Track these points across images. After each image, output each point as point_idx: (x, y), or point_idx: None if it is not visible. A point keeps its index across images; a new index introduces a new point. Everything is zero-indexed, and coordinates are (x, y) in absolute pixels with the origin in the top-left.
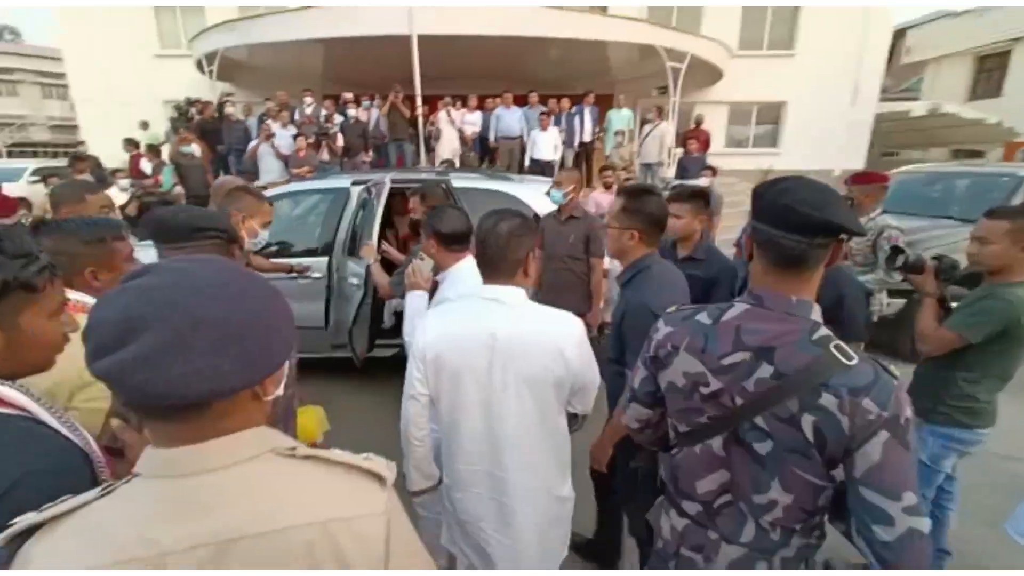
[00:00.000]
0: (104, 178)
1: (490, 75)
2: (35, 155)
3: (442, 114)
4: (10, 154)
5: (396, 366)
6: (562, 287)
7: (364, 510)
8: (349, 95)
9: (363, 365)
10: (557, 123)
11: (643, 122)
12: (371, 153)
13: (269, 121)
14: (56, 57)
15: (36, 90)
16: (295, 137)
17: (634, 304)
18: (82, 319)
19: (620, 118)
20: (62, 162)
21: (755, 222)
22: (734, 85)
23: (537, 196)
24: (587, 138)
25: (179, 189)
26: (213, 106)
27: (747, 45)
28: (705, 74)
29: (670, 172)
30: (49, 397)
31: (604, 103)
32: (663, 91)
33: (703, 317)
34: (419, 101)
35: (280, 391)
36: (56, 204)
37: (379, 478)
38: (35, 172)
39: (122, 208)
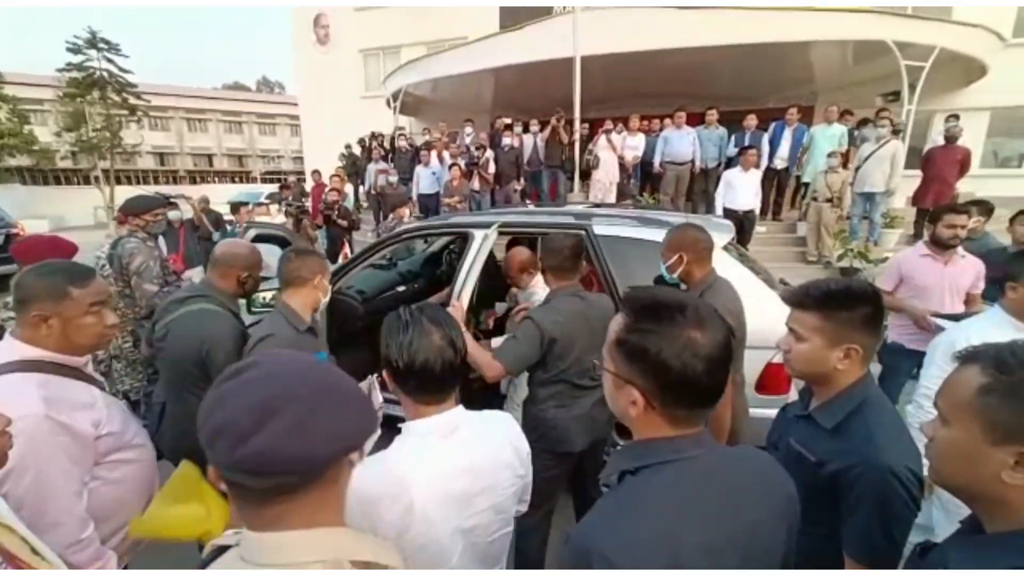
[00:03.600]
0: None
1: (657, 93)
2: (278, 181)
3: (601, 139)
4: (264, 180)
5: None
6: None
7: None
8: (506, 120)
9: None
10: (739, 143)
11: (860, 140)
12: (523, 181)
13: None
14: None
15: (287, 129)
16: (450, 167)
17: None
18: None
19: (829, 136)
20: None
21: None
22: (1002, 84)
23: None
24: (780, 164)
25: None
26: (386, 139)
27: None
28: (953, 73)
29: (896, 203)
30: None
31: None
32: (892, 99)
33: None
34: (577, 125)
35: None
36: (25, 301)
37: None
38: (268, 196)
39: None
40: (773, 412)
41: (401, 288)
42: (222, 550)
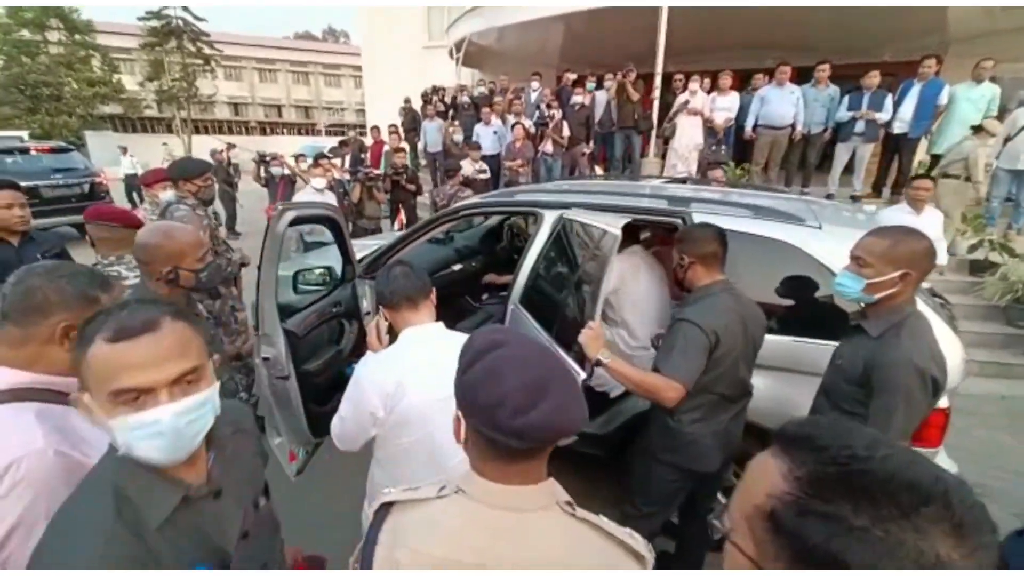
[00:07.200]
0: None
1: (746, 44)
2: (341, 134)
3: (680, 99)
4: (328, 132)
5: None
6: None
7: None
8: (572, 76)
9: None
10: (854, 106)
11: (1018, 103)
12: (592, 144)
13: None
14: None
15: (351, 81)
16: (512, 127)
17: None
18: None
19: (974, 99)
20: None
21: None
22: None
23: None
24: (899, 127)
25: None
26: (447, 93)
27: None
28: None
29: None
30: None
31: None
32: None
33: None
34: (658, 81)
35: None
36: (44, 309)
37: (639, 557)
38: (331, 150)
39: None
40: None
41: (457, 266)
42: (389, 505)
